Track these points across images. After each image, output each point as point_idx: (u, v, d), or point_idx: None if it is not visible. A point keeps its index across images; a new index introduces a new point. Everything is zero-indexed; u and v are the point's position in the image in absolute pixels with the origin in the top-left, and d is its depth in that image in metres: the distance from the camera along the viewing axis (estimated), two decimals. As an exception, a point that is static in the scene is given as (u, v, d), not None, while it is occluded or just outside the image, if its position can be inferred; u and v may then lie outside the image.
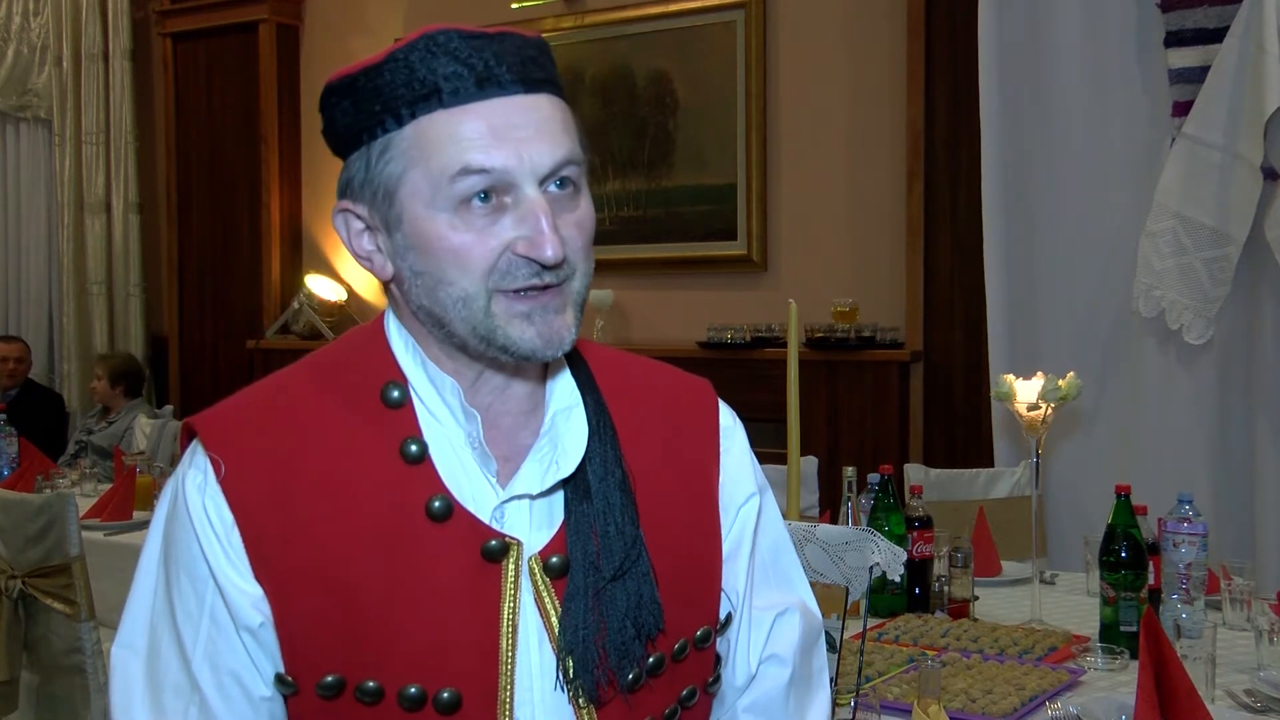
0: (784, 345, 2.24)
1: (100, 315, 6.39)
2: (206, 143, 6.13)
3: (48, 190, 6.61)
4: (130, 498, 3.58)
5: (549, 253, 1.00)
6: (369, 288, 5.81)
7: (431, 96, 1.00)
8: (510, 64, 1.02)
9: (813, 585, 1.30)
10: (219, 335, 6.10)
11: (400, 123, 1.01)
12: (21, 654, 2.78)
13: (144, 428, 4.91)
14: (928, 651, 2.09)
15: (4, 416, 4.27)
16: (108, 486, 3.84)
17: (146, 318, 6.37)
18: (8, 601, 2.73)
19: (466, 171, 1.00)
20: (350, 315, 5.72)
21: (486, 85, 1.01)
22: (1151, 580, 2.25)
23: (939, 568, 2.45)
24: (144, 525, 3.44)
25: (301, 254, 6.00)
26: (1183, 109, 3.49)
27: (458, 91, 1.00)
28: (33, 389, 5.83)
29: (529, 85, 1.02)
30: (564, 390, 1.13)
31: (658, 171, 4.93)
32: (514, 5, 5.23)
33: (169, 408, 5.55)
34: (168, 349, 6.28)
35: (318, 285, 5.74)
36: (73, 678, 2.69)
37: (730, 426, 1.23)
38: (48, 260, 6.66)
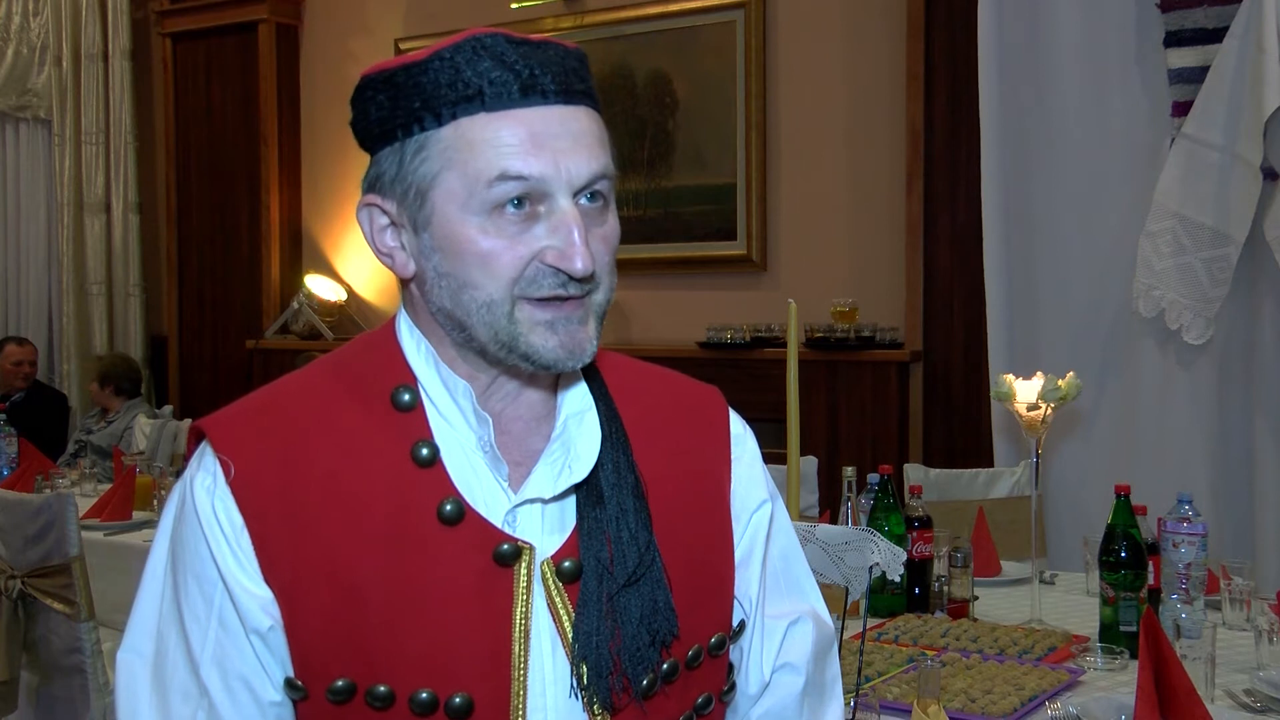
0: (784, 345, 2.24)
1: (100, 315, 6.39)
2: (206, 143, 6.13)
3: (48, 190, 6.61)
4: (130, 498, 3.58)
5: (579, 265, 1.00)
6: (369, 288, 5.81)
7: (475, 98, 1.00)
8: (554, 74, 1.02)
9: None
10: (219, 335, 6.09)
11: (440, 122, 1.01)
12: (21, 654, 2.78)
13: (143, 428, 4.91)
14: (927, 651, 2.10)
15: (3, 416, 4.27)
16: (107, 486, 3.84)
17: (146, 318, 6.36)
18: (7, 601, 2.73)
19: (504, 177, 0.99)
20: (350, 315, 5.72)
21: (530, 93, 1.00)
22: (1151, 580, 2.25)
23: (939, 568, 2.45)
24: (144, 525, 3.45)
25: (301, 254, 6.00)
26: (1182, 109, 3.49)
27: (501, 96, 1.00)
28: (40, 390, 5.83)
29: (570, 96, 1.02)
30: (576, 395, 1.12)
31: (657, 171, 4.93)
32: (514, 5, 5.23)
33: (168, 408, 5.54)
34: (167, 349, 6.27)
35: (317, 285, 5.74)
36: (72, 678, 2.68)
37: (741, 434, 1.22)
38: (48, 260, 6.66)
